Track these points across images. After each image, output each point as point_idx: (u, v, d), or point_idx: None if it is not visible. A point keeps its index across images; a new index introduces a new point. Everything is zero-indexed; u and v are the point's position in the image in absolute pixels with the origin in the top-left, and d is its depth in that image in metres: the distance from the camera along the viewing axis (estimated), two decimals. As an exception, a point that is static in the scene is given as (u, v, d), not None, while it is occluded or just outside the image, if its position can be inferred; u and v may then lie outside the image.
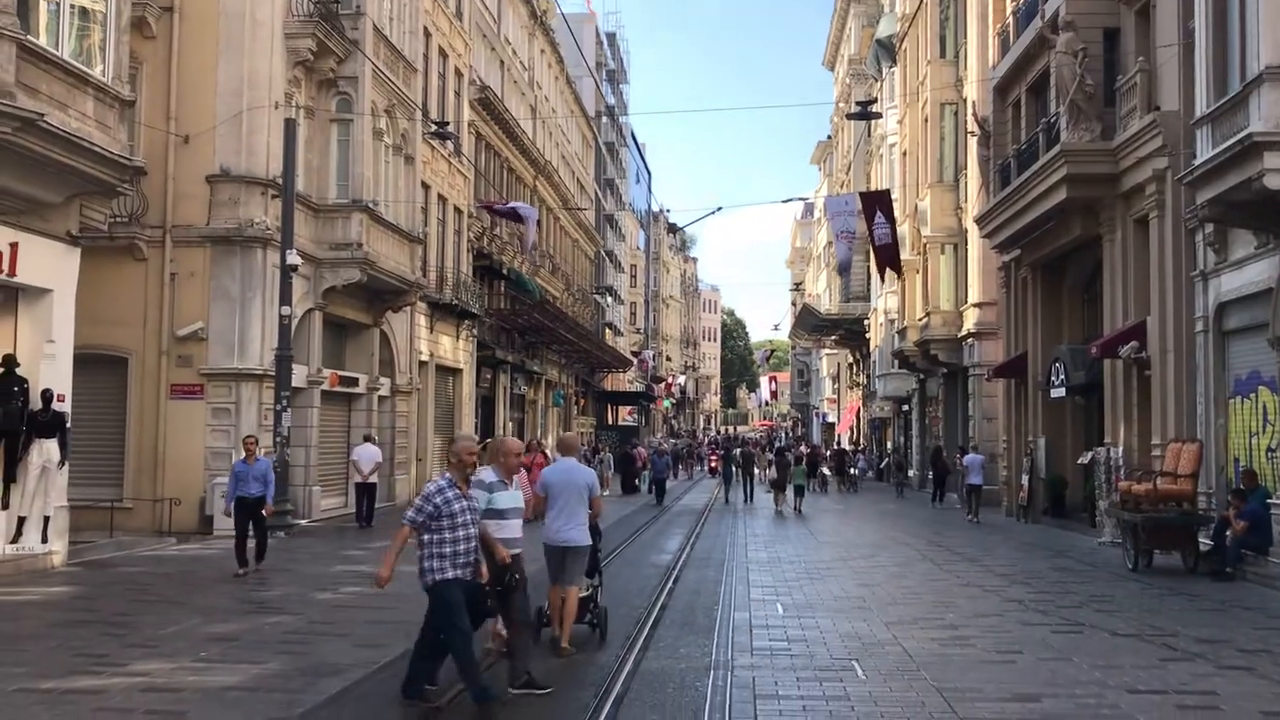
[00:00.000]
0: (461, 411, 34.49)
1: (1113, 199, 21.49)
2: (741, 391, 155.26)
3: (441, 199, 32.30)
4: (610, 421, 69.12)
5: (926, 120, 37.51)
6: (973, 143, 30.35)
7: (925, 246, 37.64)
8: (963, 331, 34.53)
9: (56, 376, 15.35)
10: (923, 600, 13.27)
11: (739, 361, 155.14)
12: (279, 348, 20.10)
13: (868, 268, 53.47)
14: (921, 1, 38.60)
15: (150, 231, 20.61)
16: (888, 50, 45.70)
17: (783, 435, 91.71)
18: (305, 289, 22.49)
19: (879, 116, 36.73)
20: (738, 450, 37.81)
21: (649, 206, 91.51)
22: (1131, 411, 21.10)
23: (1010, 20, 27.06)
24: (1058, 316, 26.41)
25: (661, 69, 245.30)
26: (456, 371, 34.22)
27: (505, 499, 8.48)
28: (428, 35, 30.63)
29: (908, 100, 41.11)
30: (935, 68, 36.56)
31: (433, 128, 28.25)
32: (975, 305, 33.29)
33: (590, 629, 10.28)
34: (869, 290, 54.18)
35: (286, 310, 20.08)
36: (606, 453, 42.69)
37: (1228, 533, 15.33)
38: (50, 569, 14.92)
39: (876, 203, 28.66)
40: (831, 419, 75.86)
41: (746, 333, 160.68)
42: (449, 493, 7.69)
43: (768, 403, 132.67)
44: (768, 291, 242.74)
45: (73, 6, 14.68)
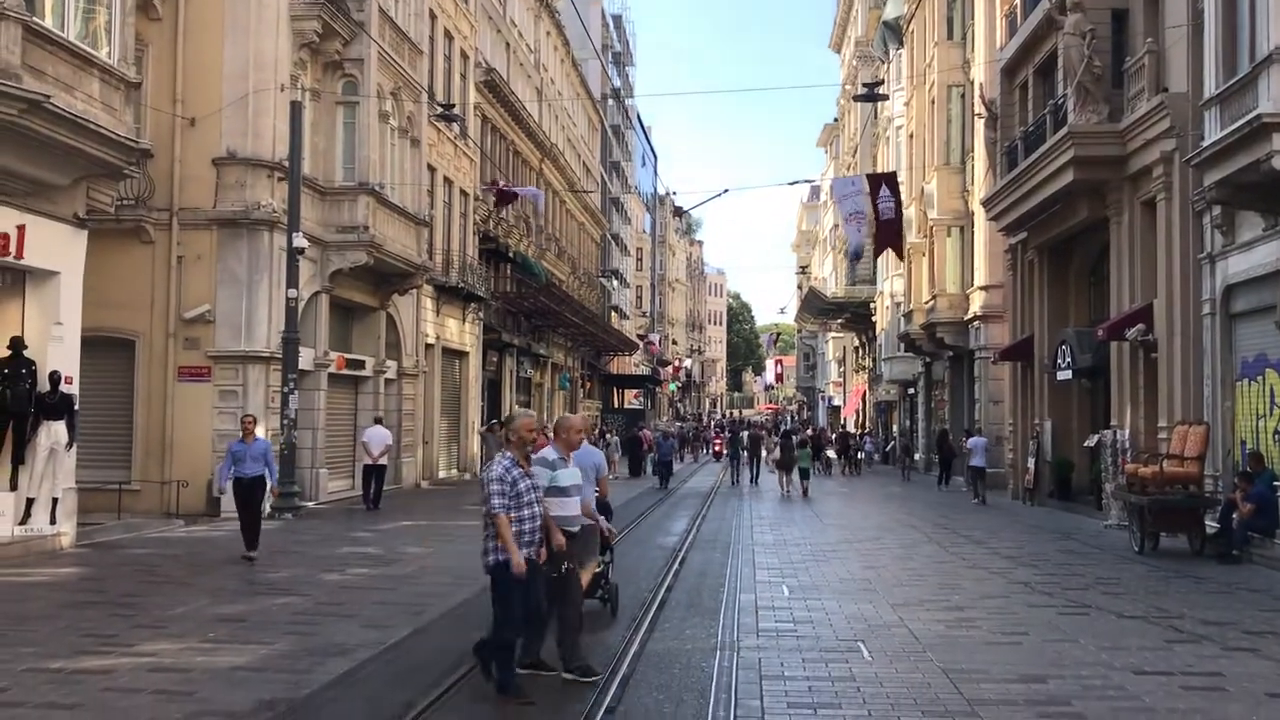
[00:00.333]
0: (468, 395, 34.53)
1: (1120, 181, 21.40)
2: (747, 375, 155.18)
3: (447, 182, 32.28)
4: (616, 405, 69.14)
5: (933, 102, 37.35)
6: (980, 125, 30.23)
7: (932, 229, 37.56)
8: (969, 314, 34.47)
9: (64, 359, 15.40)
10: (928, 582, 13.29)
11: (745, 345, 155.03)
12: (286, 330, 20.16)
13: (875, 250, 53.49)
14: (929, -17, 38.41)
15: (157, 214, 20.63)
16: (894, 32, 45.50)
17: (788, 419, 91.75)
18: (312, 272, 22.52)
19: (885, 99, 36.65)
20: (745, 433, 37.89)
21: (655, 189, 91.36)
22: (1138, 394, 21.06)
23: (1018, 2, 26.91)
24: (1064, 299, 26.36)
25: (668, 51, 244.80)
26: (463, 354, 34.24)
27: (567, 476, 8.36)
28: (433, 17, 30.56)
29: (915, 82, 40.92)
30: (942, 49, 36.40)
31: (438, 110, 28.24)
32: (981, 288, 33.23)
33: (601, 604, 10.53)
34: (875, 273, 54.07)
35: (293, 293, 20.14)
36: (614, 436, 42.73)
37: (1234, 515, 15.31)
38: (59, 550, 15.00)
39: (884, 181, 28.63)
40: (837, 402, 75.90)
41: (752, 316, 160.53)
42: (515, 472, 7.59)
43: (773, 386, 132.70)
44: (773, 275, 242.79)
45: (78, -12, 14.67)
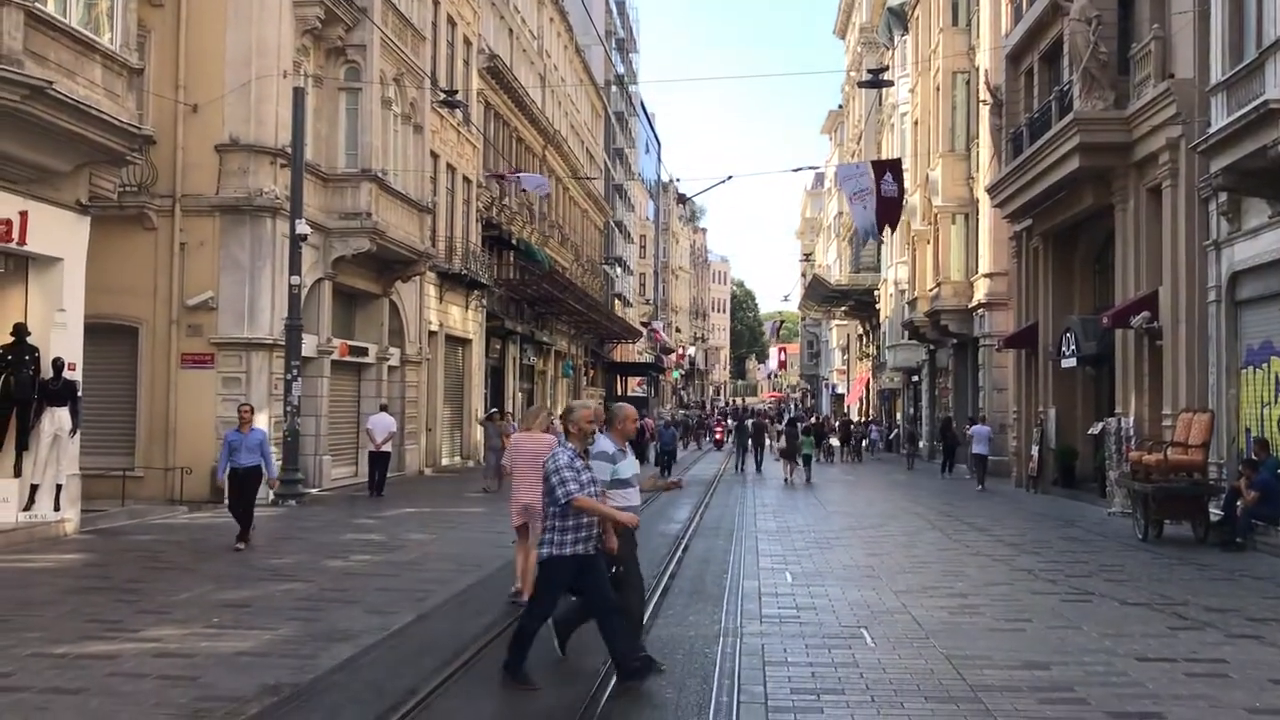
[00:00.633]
0: (471, 382, 34.54)
1: (1125, 168, 21.33)
2: (751, 363, 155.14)
3: (450, 168, 32.22)
4: (620, 392, 69.15)
5: (938, 89, 37.25)
6: (985, 111, 30.16)
7: (936, 216, 37.50)
8: (973, 302, 34.44)
9: (67, 345, 15.40)
10: (932, 569, 13.29)
11: (748, 333, 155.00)
12: (289, 317, 20.15)
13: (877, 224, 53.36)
14: (934, -32, 38.26)
15: (160, 201, 20.60)
16: (899, 18, 45.35)
17: (792, 406, 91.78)
18: (315, 258, 22.49)
19: (890, 84, 36.48)
20: (749, 421, 37.98)
21: (658, 177, 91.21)
22: (1143, 382, 21.03)
23: (1023, -13, 26.82)
24: (1069, 286, 26.31)
25: (671, 37, 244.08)
26: (466, 342, 34.24)
27: (627, 467, 8.28)
28: (436, 3, 30.47)
29: (920, 69, 40.79)
30: (947, 35, 36.28)
31: (441, 96, 28.17)
32: (986, 275, 33.19)
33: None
34: (879, 261, 54.02)
35: (296, 280, 20.12)
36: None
37: (1238, 503, 15.33)
38: (63, 536, 15.02)
39: (888, 167, 28.59)
40: (841, 390, 75.89)
41: (756, 304, 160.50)
42: (577, 463, 7.48)
43: (777, 374, 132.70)
44: (777, 262, 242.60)
45: (80, -27, 14.62)
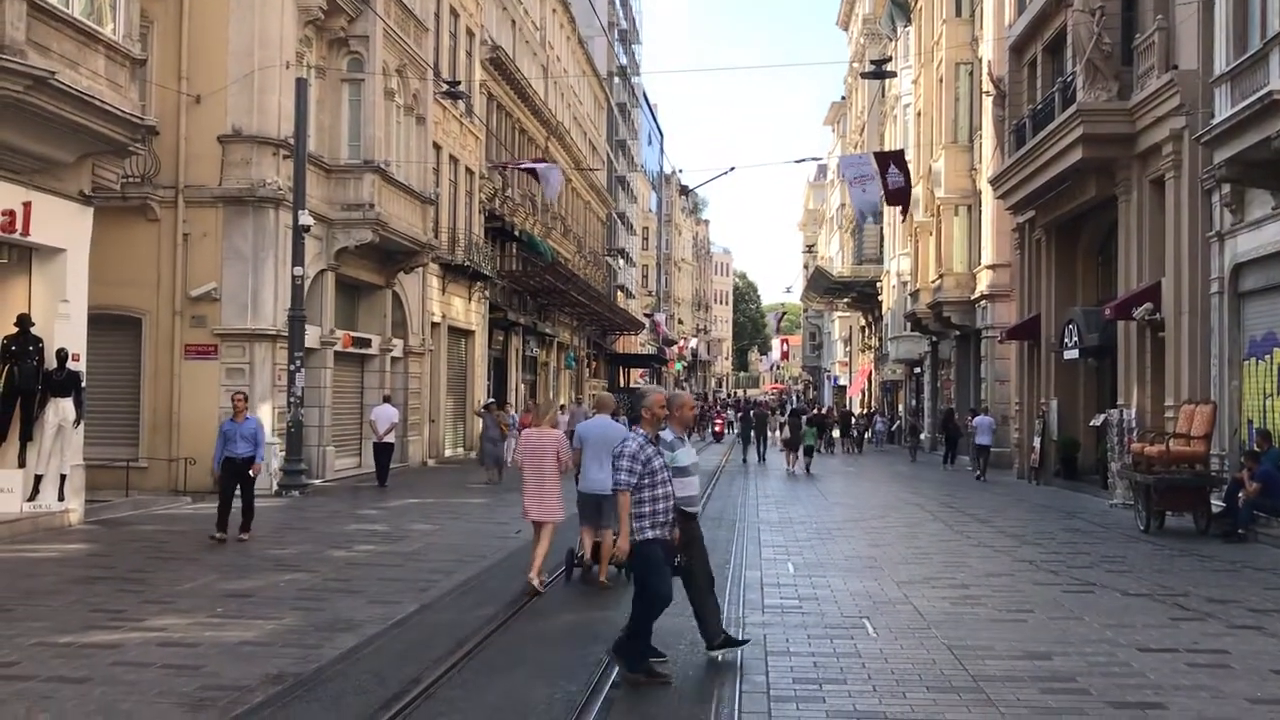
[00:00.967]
0: (474, 373, 34.56)
1: (1129, 159, 21.29)
2: (753, 354, 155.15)
3: (453, 160, 32.21)
4: (622, 384, 69.15)
5: (941, 80, 37.17)
6: (988, 103, 30.09)
7: (939, 208, 37.44)
8: (976, 293, 34.41)
9: (71, 336, 15.43)
10: (933, 560, 13.30)
11: (751, 324, 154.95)
12: (292, 308, 20.17)
13: (880, 229, 53.36)
14: (937, -41, 38.16)
15: (163, 192, 20.60)
16: (902, 9, 45.24)
17: (794, 398, 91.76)
18: (318, 250, 22.50)
19: (893, 75, 36.40)
20: (753, 412, 38.18)
21: (661, 168, 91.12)
22: (1145, 373, 21.02)
23: (1027, -22, 26.74)
24: (1072, 278, 26.29)
25: (674, 28, 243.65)
26: (469, 333, 34.26)
27: (685, 455, 8.29)
28: (439, -6, 30.43)
29: (923, 60, 40.71)
30: (950, 27, 36.20)
31: (444, 88, 28.13)
32: (989, 267, 33.15)
33: (618, 570, 11.11)
34: (881, 253, 53.97)
35: (299, 271, 20.12)
36: (622, 416, 42.70)
37: (1240, 494, 15.30)
38: (67, 527, 15.07)
39: (891, 159, 28.63)
40: (843, 382, 75.82)
41: (758, 296, 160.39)
42: (649, 450, 7.51)
43: (779, 366, 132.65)
44: (780, 254, 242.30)
45: (82, -36, 14.60)
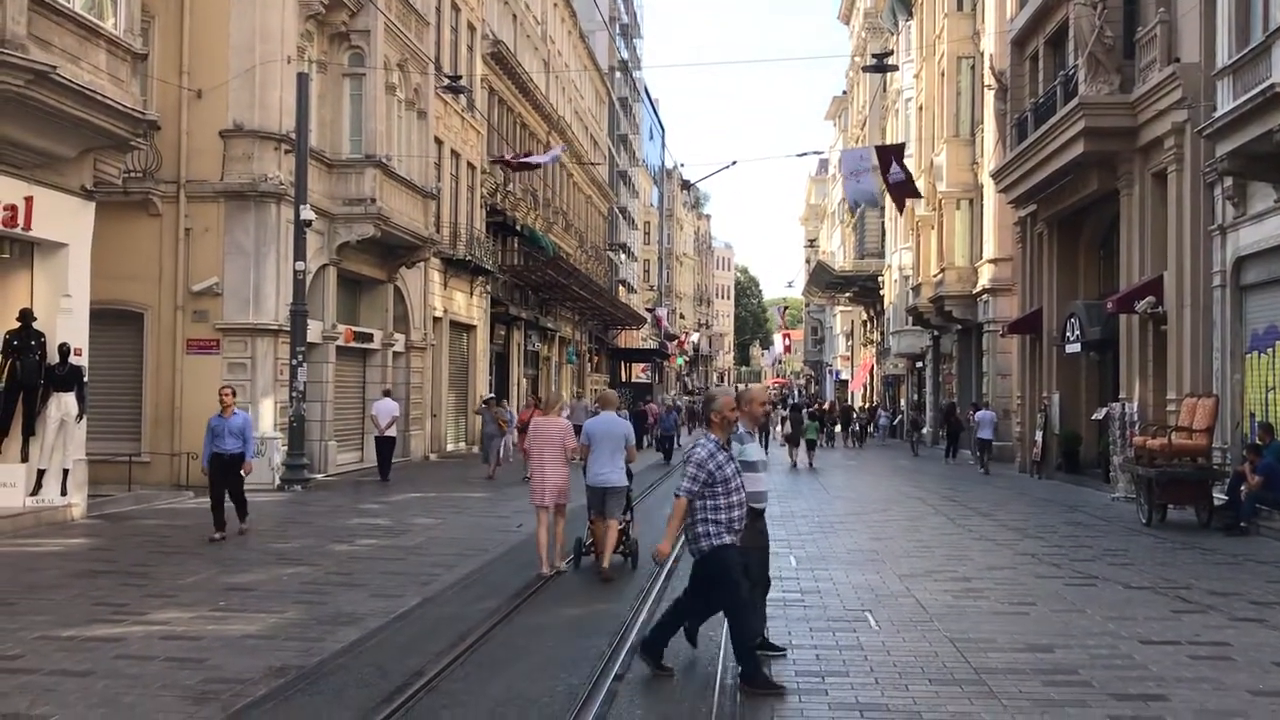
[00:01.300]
0: (476, 368, 34.58)
1: (1131, 153, 21.27)
2: (755, 349, 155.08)
3: (455, 154, 32.20)
4: (624, 378, 69.17)
5: (943, 74, 37.14)
6: (990, 96, 30.06)
7: (941, 202, 37.43)
8: (978, 287, 34.40)
9: (73, 331, 15.44)
10: (935, 553, 13.31)
11: (752, 319, 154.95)
12: (294, 303, 20.19)
13: (882, 224, 53.34)
14: (939, -47, 38.10)
15: (164, 186, 20.62)
16: (904, 3, 45.20)
17: (796, 392, 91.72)
18: (319, 244, 22.51)
19: (895, 69, 36.41)
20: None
21: (663, 162, 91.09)
22: (1147, 367, 21.02)
23: (1029, -29, 26.68)
24: (1073, 272, 26.28)
25: (676, 23, 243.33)
26: (470, 328, 34.27)
27: (753, 451, 8.19)
28: (440, -12, 30.41)
29: (924, 54, 40.68)
30: (952, 20, 36.17)
31: (445, 82, 28.12)
32: (990, 261, 33.14)
33: (623, 558, 11.78)
34: (883, 247, 53.95)
35: (301, 265, 20.14)
36: (623, 410, 42.68)
37: (1242, 487, 15.33)
38: (69, 521, 15.09)
39: (892, 153, 28.63)
40: (845, 376, 75.84)
41: (760, 290, 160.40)
42: (720, 456, 7.32)
43: (781, 360, 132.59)
44: (782, 249, 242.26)
45: (83, -42, 14.60)
